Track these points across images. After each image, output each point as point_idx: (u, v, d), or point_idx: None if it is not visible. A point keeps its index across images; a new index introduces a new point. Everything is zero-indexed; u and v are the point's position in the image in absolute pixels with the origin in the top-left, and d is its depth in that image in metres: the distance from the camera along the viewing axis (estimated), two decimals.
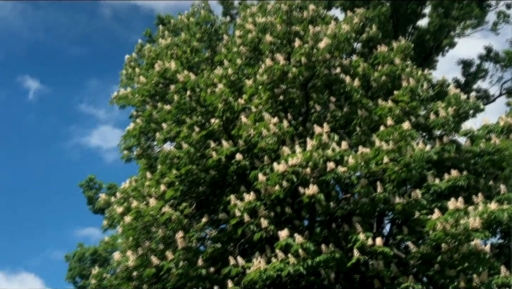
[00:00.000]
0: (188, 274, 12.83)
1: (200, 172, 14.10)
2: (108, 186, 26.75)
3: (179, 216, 13.28)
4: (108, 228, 15.25)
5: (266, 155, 13.01)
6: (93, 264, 25.24)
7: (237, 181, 14.20)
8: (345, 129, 14.08)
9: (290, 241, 11.40)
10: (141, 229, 13.73)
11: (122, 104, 15.87)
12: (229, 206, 12.47)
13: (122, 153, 16.45)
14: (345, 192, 14.14)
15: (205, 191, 14.81)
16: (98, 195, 24.27)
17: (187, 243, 12.99)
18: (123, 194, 14.55)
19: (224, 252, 13.56)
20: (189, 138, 13.72)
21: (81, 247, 27.06)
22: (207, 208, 15.09)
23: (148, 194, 13.98)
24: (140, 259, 13.33)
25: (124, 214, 13.71)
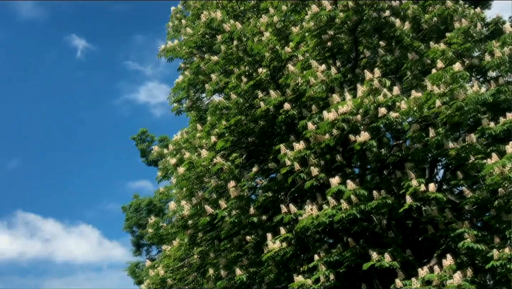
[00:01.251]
0: (241, 222, 13.14)
1: (249, 122, 14.17)
2: (160, 138, 27.30)
3: (230, 166, 13.49)
4: (162, 179, 15.67)
5: (315, 103, 12.89)
6: (148, 214, 26.11)
7: (286, 130, 14.21)
8: (396, 74, 13.75)
9: (342, 187, 11.43)
10: (194, 179, 14.05)
11: (169, 57, 15.93)
12: (279, 155, 12.54)
13: (172, 106, 16.65)
14: (397, 138, 13.93)
15: (255, 141, 14.91)
16: (151, 148, 24.88)
17: (239, 192, 13.22)
18: (175, 145, 14.84)
19: (275, 201, 13.72)
20: (237, 88, 13.73)
21: (137, 198, 27.94)
22: (257, 158, 15.24)
23: (200, 145, 14.20)
24: (194, 208, 13.70)
25: (177, 165, 14.03)
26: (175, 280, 14.83)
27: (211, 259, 14.40)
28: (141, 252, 27.55)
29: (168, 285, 14.77)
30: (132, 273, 25.70)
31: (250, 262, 13.43)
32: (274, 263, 13.23)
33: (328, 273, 11.41)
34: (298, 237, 12.74)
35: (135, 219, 26.96)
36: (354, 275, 12.39)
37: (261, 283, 14.06)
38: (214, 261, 14.24)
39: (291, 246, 12.37)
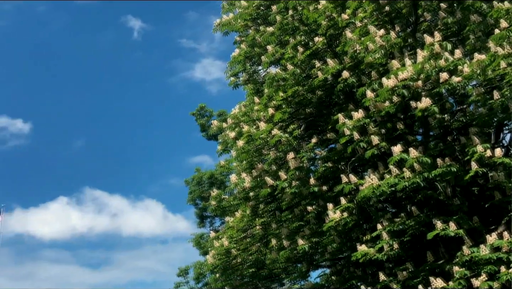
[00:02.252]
0: (302, 192, 13.17)
1: (307, 92, 14.06)
2: (218, 113, 27.56)
3: (289, 137, 13.49)
4: (222, 152, 15.88)
5: (374, 70, 12.62)
6: (210, 187, 26.56)
7: (344, 99, 14.02)
8: (458, 36, 13.21)
9: (404, 155, 11.22)
10: (254, 152, 14.17)
11: (225, 31, 15.96)
12: (338, 125, 12.42)
13: (229, 80, 16.75)
14: (460, 102, 13.48)
15: (312, 111, 14.81)
16: (210, 122, 25.18)
17: (299, 163, 13.24)
18: (233, 119, 14.96)
19: (336, 171, 13.65)
20: (293, 59, 13.62)
21: (199, 171, 28.46)
22: (315, 128, 15.14)
23: (257, 118, 14.26)
24: (255, 180, 13.85)
25: (237, 138, 14.17)
26: (239, 250, 15.14)
27: (273, 230, 14.56)
28: (205, 224, 28.18)
29: (232, 255, 15.10)
30: (197, 244, 26.37)
31: (312, 232, 13.49)
32: (336, 233, 13.24)
33: (392, 242, 11.33)
34: (359, 206, 12.66)
35: (197, 192, 27.51)
36: (418, 244, 12.24)
37: (324, 252, 14.14)
38: (276, 231, 14.40)
39: (352, 215, 12.31)
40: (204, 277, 24.49)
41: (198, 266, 24.21)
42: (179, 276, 26.03)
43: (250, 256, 15.59)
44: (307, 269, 15.12)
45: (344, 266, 14.10)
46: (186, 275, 25.86)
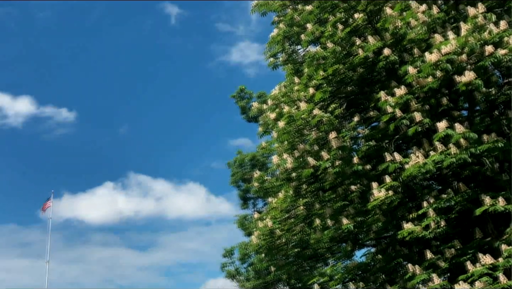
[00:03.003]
0: (345, 172, 13.10)
1: (347, 70, 13.88)
2: (258, 94, 27.53)
3: (330, 117, 13.38)
4: (263, 134, 15.89)
5: (416, 46, 12.36)
6: (252, 168, 26.67)
7: (386, 76, 13.79)
8: (503, 7, 12.78)
9: (450, 131, 11.01)
10: (295, 133, 14.12)
11: (262, 11, 15.86)
12: (380, 102, 12.25)
13: (268, 61, 16.65)
14: (507, 75, 13.07)
15: (354, 90, 14.63)
16: (250, 104, 25.18)
17: (341, 143, 13.15)
18: (274, 100, 14.93)
19: (379, 149, 13.50)
20: (333, 37, 13.45)
21: (240, 153, 28.58)
22: (357, 107, 14.97)
23: (298, 98, 14.19)
24: (297, 160, 13.82)
25: (277, 119, 14.15)
26: (283, 230, 15.20)
27: (316, 210, 14.56)
28: (248, 205, 28.34)
29: (276, 235, 15.19)
30: (241, 225, 26.60)
31: (356, 211, 13.43)
32: (381, 211, 13.15)
33: (439, 219, 11.18)
34: (404, 184, 12.52)
35: (240, 174, 27.66)
36: (465, 221, 12.04)
37: (368, 231, 14.07)
38: (319, 211, 14.39)
39: (397, 194, 12.20)
40: (249, 258, 24.74)
41: (243, 247, 24.42)
42: (225, 257, 26.34)
43: (294, 236, 15.64)
44: (351, 249, 15.08)
45: (389, 244, 14.00)
46: (232, 256, 26.14)
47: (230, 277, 26.05)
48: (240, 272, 25.67)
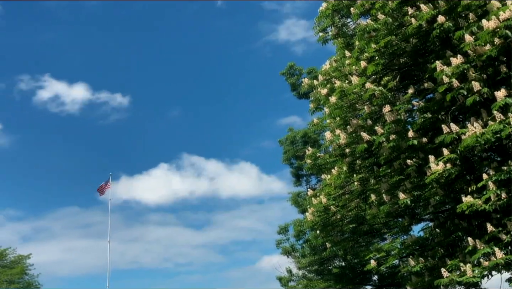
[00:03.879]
0: (400, 146, 12.86)
1: (400, 42, 13.50)
2: (308, 70, 27.26)
3: (383, 90, 13.11)
4: (314, 110, 15.76)
5: (472, 12, 11.88)
6: (304, 145, 26.59)
7: (440, 46, 13.34)
8: None
9: (509, 100, 10.60)
10: (347, 108, 13.93)
11: None
12: (435, 73, 11.90)
13: (318, 36, 16.41)
14: None
15: (407, 61, 14.24)
16: (301, 81, 25.00)
17: (395, 116, 12.88)
18: (325, 75, 14.75)
19: (435, 121, 13.14)
20: (384, 8, 13.08)
21: (292, 131, 28.53)
22: (411, 78, 14.59)
23: (349, 72, 13.96)
24: (350, 136, 13.66)
25: (329, 94, 13.98)
26: (338, 207, 15.12)
27: (371, 185, 14.39)
28: (301, 182, 28.35)
29: (331, 212, 15.13)
30: (295, 202, 26.67)
31: (413, 185, 13.18)
32: (439, 185, 12.86)
33: (499, 192, 10.84)
34: (463, 156, 12.17)
35: (292, 152, 27.63)
36: None
37: (426, 205, 13.82)
38: (375, 187, 14.22)
39: (455, 166, 11.88)
40: (304, 234, 24.82)
41: (298, 224, 24.52)
42: (280, 234, 26.54)
43: (349, 212, 15.55)
44: (409, 223, 14.88)
45: (448, 218, 13.72)
46: (286, 233, 26.30)
47: (285, 254, 26.24)
48: (295, 248, 25.81)
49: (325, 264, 24.04)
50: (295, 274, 26.65)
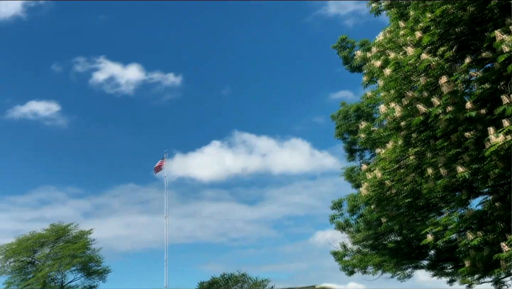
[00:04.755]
0: (457, 118, 12.53)
1: (457, 10, 13.05)
2: (361, 43, 26.70)
3: (439, 60, 12.76)
4: (368, 83, 15.53)
5: None
6: (357, 120, 26.24)
7: (499, 13, 12.81)
8: None
9: None
10: (402, 80, 13.64)
11: None
12: (494, 43, 11.48)
13: (370, 7, 16.06)
14: None
15: (464, 30, 13.75)
16: (353, 53, 24.57)
17: (452, 87, 12.52)
18: (378, 47, 14.46)
19: (494, 92, 12.71)
20: None
21: (344, 105, 28.16)
22: (468, 48, 14.10)
23: (404, 43, 13.62)
24: (406, 109, 13.41)
25: (383, 67, 13.72)
26: (393, 181, 14.94)
27: (428, 159, 14.11)
28: (354, 157, 28.03)
29: (386, 186, 14.97)
30: (349, 177, 26.45)
31: (471, 158, 12.85)
32: (498, 157, 12.46)
33: None
34: None
35: (345, 126, 27.31)
36: None
37: (485, 179, 13.45)
38: (431, 160, 13.94)
39: None
40: (358, 209, 24.66)
41: (352, 199, 24.37)
42: (333, 209, 26.43)
43: (405, 186, 15.34)
44: (467, 197, 14.55)
45: (508, 192, 13.34)
46: (340, 208, 26.17)
47: (339, 229, 26.17)
48: (349, 223, 25.70)
49: (380, 239, 23.85)
50: (350, 249, 26.59)
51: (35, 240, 64.56)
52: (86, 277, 65.67)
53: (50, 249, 64.70)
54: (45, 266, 62.15)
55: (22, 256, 64.00)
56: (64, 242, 64.93)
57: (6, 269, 63.21)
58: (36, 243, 64.62)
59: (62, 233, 65.51)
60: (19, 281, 62.24)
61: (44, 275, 60.57)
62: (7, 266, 63.45)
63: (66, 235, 65.84)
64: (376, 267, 25.30)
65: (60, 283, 64.27)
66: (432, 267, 25.22)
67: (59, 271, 62.90)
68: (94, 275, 65.79)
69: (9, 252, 63.45)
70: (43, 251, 65.17)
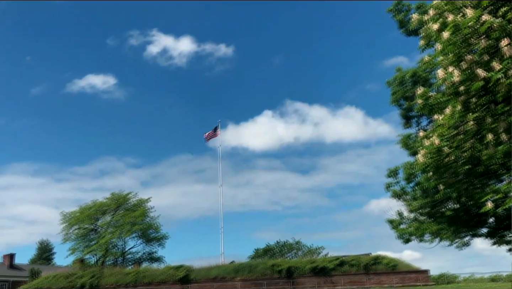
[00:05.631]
0: None
1: None
2: (417, 5, 25.86)
3: (501, 22, 12.21)
4: (425, 47, 15.06)
5: None
6: (413, 85, 25.64)
7: None
8: None
9: None
10: (461, 43, 13.15)
11: None
12: None
13: None
14: None
15: None
16: (409, 17, 23.86)
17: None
18: (436, 9, 13.96)
19: None
20: None
21: (400, 70, 27.52)
22: None
23: (463, 5, 13.10)
24: (465, 73, 12.96)
25: (441, 30, 13.26)
26: (452, 148, 14.58)
27: (488, 124, 13.66)
28: (411, 124, 27.49)
29: (444, 153, 14.64)
30: (405, 145, 26.02)
31: None
32: None
33: None
34: None
35: (401, 92, 26.76)
36: None
37: None
38: (492, 126, 13.49)
39: None
40: (415, 177, 24.28)
41: (408, 166, 23.98)
42: (389, 177, 26.12)
43: (464, 153, 14.94)
44: None
45: None
46: (396, 176, 25.85)
47: (395, 197, 25.92)
48: (406, 191, 25.39)
49: (437, 207, 23.48)
50: (406, 217, 26.34)
51: (97, 208, 67.17)
52: (146, 243, 68.03)
53: (111, 217, 67.25)
54: (107, 233, 64.73)
55: (85, 224, 66.82)
56: (124, 210, 67.28)
57: (71, 236, 66.32)
58: (98, 211, 67.27)
59: (122, 202, 67.84)
60: (83, 247, 65.23)
61: (107, 242, 63.13)
62: (72, 233, 66.54)
63: (126, 203, 68.15)
64: (434, 236, 25.01)
65: (121, 249, 66.84)
66: (492, 235, 24.71)
67: (120, 238, 65.40)
68: (153, 242, 68.12)
69: (73, 220, 66.36)
70: (104, 218, 67.87)
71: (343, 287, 47.71)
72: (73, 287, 51.40)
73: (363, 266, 51.80)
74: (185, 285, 50.71)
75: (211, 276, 51.62)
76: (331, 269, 51.65)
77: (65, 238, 66.12)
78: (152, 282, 50.98)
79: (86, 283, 51.40)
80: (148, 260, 67.42)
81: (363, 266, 51.77)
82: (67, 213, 67.73)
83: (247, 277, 51.16)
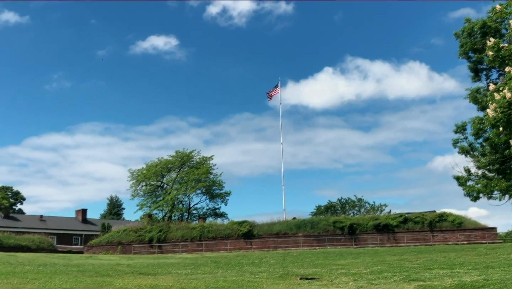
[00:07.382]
0: None
1: None
2: None
3: None
4: None
5: None
6: (483, 37, 24.49)
7: None
8: None
9: None
10: None
11: None
12: None
13: None
14: None
15: None
16: None
17: None
18: None
19: None
20: None
21: (469, 22, 26.28)
22: None
23: None
24: None
25: None
26: None
27: None
28: (480, 78, 26.38)
29: None
30: (473, 99, 25.06)
31: None
32: None
33: None
34: None
35: (469, 44, 25.59)
36: None
37: None
38: None
39: None
40: (484, 132, 23.47)
41: (477, 122, 23.19)
42: (456, 133, 25.36)
43: None
44: None
45: None
46: (464, 131, 25.06)
47: (463, 153, 25.21)
48: (474, 147, 24.62)
49: (507, 163, 22.67)
50: (474, 174, 25.62)
51: (162, 165, 69.09)
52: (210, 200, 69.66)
53: (176, 174, 69.06)
54: (173, 190, 66.68)
55: (152, 180, 69.02)
56: (188, 167, 68.87)
57: (139, 192, 68.77)
58: (163, 169, 69.20)
59: (186, 159, 69.41)
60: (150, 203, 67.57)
61: (173, 198, 65.09)
62: (140, 189, 68.98)
63: (190, 161, 69.69)
64: (503, 192, 24.25)
65: (186, 205, 68.83)
66: None
67: (185, 194, 67.23)
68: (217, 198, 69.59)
69: (140, 177, 68.66)
70: (170, 175, 69.76)
71: (407, 244, 47.31)
72: (142, 241, 53.63)
73: (427, 223, 51.05)
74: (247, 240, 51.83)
75: (273, 231, 52.35)
76: (394, 226, 51.20)
77: (133, 194, 68.68)
78: (216, 237, 52.37)
79: (154, 237, 53.43)
80: (212, 215, 69.12)
81: (428, 223, 51.02)
82: (135, 171, 70.10)
83: (309, 233, 51.58)
